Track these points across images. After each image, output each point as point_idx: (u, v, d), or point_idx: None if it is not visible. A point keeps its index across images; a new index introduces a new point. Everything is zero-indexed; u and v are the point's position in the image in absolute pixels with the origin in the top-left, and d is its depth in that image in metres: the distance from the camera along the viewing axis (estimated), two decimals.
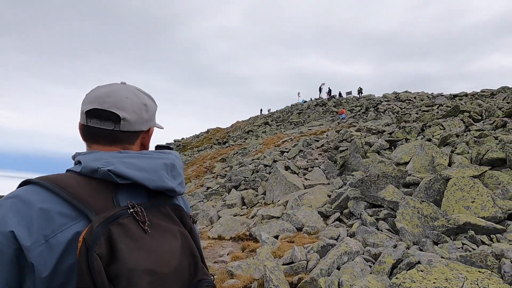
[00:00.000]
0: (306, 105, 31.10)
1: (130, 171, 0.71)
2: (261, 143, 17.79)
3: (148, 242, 0.66)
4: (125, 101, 0.79)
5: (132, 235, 0.65)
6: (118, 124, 0.78)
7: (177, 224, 0.75)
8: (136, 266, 0.62)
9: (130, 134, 0.81)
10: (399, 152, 8.14)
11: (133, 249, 0.64)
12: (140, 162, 0.74)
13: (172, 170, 0.79)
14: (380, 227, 4.66)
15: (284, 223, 5.46)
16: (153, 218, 0.70)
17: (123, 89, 0.82)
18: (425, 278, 2.59)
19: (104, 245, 0.61)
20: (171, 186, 0.76)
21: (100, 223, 0.62)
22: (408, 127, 10.20)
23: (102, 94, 0.79)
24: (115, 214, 0.65)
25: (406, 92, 26.44)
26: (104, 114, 0.77)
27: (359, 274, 3.11)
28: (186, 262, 0.73)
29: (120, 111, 0.78)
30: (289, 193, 7.70)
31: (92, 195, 0.67)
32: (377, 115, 18.32)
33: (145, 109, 0.83)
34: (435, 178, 5.37)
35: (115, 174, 0.69)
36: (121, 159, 0.73)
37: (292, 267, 3.48)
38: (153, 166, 0.75)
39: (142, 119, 0.82)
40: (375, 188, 5.89)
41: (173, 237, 0.72)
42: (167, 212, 0.75)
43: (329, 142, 12.52)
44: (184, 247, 0.73)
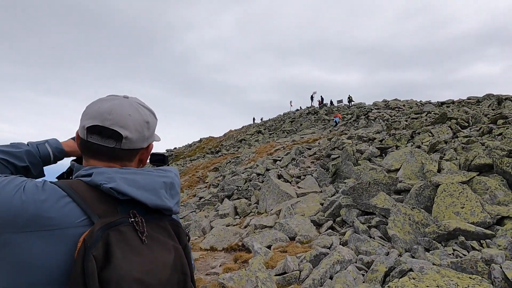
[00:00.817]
0: (298, 113, 31.39)
1: (131, 188, 0.72)
2: (253, 152, 17.78)
3: (143, 252, 0.68)
4: (128, 119, 0.78)
5: (129, 243, 0.67)
6: (119, 143, 0.77)
7: (173, 239, 0.76)
8: (127, 274, 0.63)
9: (130, 151, 0.80)
10: (389, 159, 8.23)
11: (127, 256, 0.65)
12: (141, 179, 0.75)
13: (171, 189, 0.80)
14: (372, 234, 4.66)
15: (277, 232, 5.41)
16: (151, 231, 0.72)
17: (126, 105, 0.80)
18: (417, 286, 2.58)
19: (101, 248, 0.63)
20: (169, 205, 0.77)
21: (101, 227, 0.65)
22: (398, 134, 10.36)
23: (104, 110, 0.77)
24: (116, 221, 0.68)
25: (395, 100, 26.99)
26: (105, 132, 0.76)
27: (352, 283, 3.09)
28: (176, 278, 0.72)
29: (123, 129, 0.77)
30: (282, 201, 7.67)
31: (97, 201, 0.71)
32: (368, 123, 18.60)
33: (146, 126, 0.82)
34: (425, 185, 5.43)
35: (117, 192, 0.71)
36: (123, 175, 0.74)
37: (285, 278, 3.44)
38: (153, 184, 0.76)
39: (143, 137, 0.82)
40: (366, 196, 5.92)
41: (168, 252, 0.72)
42: (165, 226, 0.76)
43: (321, 150, 12.60)
44: (176, 263, 0.73)
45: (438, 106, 19.74)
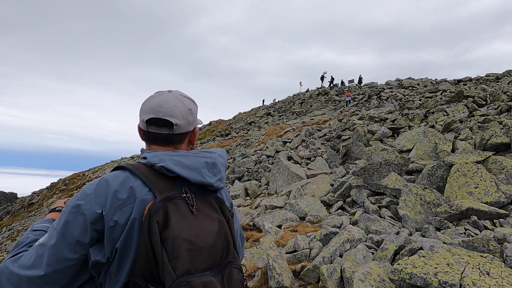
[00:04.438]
0: (308, 94, 30.85)
1: (177, 167, 0.90)
2: (263, 134, 17.77)
3: (192, 221, 0.85)
4: (175, 109, 0.98)
5: (182, 213, 0.84)
6: (171, 129, 0.97)
7: (218, 212, 0.92)
8: (179, 234, 0.81)
9: (180, 135, 1.00)
10: (402, 139, 8.09)
11: (180, 223, 0.82)
12: (186, 160, 0.93)
13: (213, 168, 0.96)
14: (382, 214, 4.67)
15: (287, 212, 5.49)
16: (199, 204, 0.89)
17: (172, 98, 1.00)
18: (427, 263, 2.61)
19: (161, 215, 0.82)
20: (210, 182, 0.93)
21: (161, 199, 0.84)
22: (411, 114, 10.11)
23: (155, 105, 0.98)
24: (172, 195, 0.86)
25: (409, 78, 26.10)
26: (160, 122, 0.97)
27: (361, 261, 3.14)
28: (220, 244, 0.87)
29: (173, 118, 0.97)
30: (292, 183, 7.72)
31: (157, 179, 0.89)
32: (380, 103, 18.16)
33: (190, 113, 1.02)
34: (438, 165, 5.34)
35: (166, 169, 0.89)
36: (172, 157, 0.92)
37: (295, 256, 3.52)
38: (196, 164, 0.93)
39: (189, 122, 1.02)
40: (377, 176, 5.88)
41: (212, 222, 0.88)
42: (211, 202, 0.93)
43: (331, 131, 12.46)
44: (220, 232, 0.88)
45: (454, 84, 19.02)
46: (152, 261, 0.80)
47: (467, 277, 2.39)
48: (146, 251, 0.80)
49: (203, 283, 0.80)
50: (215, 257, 0.85)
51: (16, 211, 27.83)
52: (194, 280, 0.79)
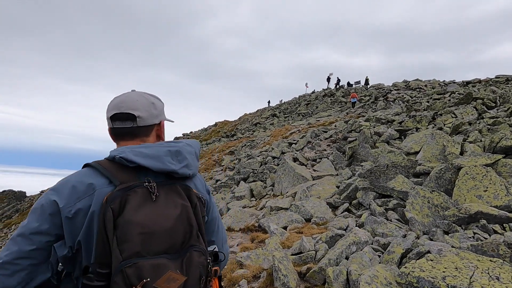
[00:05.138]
0: (314, 96, 30.75)
1: (137, 157, 0.92)
2: (269, 135, 17.76)
3: (151, 207, 0.87)
4: (137, 103, 1.02)
5: (141, 200, 0.87)
6: (135, 122, 1.01)
7: (183, 199, 0.93)
8: (132, 219, 0.83)
9: (145, 128, 1.03)
10: (409, 141, 8.01)
11: (136, 208, 0.85)
12: (147, 150, 0.95)
13: (177, 155, 0.97)
14: (389, 217, 4.63)
15: (293, 214, 5.48)
16: (163, 192, 0.91)
17: (133, 95, 1.05)
18: (435, 267, 2.57)
19: (117, 203, 0.85)
20: (173, 168, 0.94)
21: (120, 189, 0.87)
22: (418, 116, 10.00)
23: (118, 101, 1.03)
24: (133, 185, 0.89)
25: (416, 80, 25.83)
26: (123, 116, 1.01)
27: (367, 264, 3.12)
28: (182, 229, 0.88)
29: (135, 111, 1.01)
30: (297, 184, 7.70)
31: (118, 172, 0.92)
32: (387, 105, 18.00)
33: (153, 106, 1.06)
34: (446, 167, 5.27)
35: (125, 160, 0.92)
36: (133, 149, 0.94)
37: (301, 257, 3.51)
38: (158, 153, 0.95)
39: (153, 115, 1.05)
40: (384, 178, 5.83)
41: (174, 207, 0.89)
42: (177, 189, 0.94)
43: (337, 133, 12.40)
44: (183, 216, 0.89)
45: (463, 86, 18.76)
46: (107, 248, 0.82)
47: (476, 281, 2.36)
48: (102, 238, 0.83)
49: (152, 265, 0.80)
50: (174, 241, 0.86)
51: (25, 209, 28.28)
52: (142, 262, 0.80)
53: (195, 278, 0.85)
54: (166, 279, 0.80)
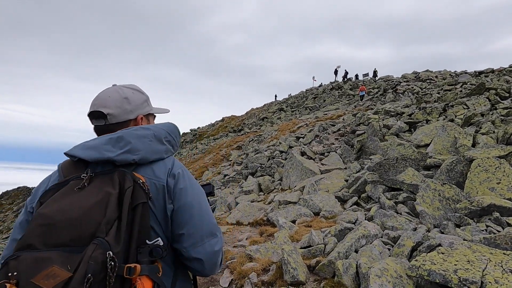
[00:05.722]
0: (321, 89, 30.45)
1: (76, 150, 0.94)
2: (276, 130, 17.72)
3: (68, 198, 0.84)
4: (108, 100, 1.01)
5: (65, 192, 0.86)
6: (106, 119, 1.01)
7: (113, 186, 0.86)
8: (40, 211, 0.83)
9: (118, 124, 1.02)
10: (419, 134, 7.88)
11: (54, 200, 0.84)
12: (90, 142, 0.95)
13: (118, 141, 0.93)
14: (399, 210, 4.59)
15: (301, 208, 5.48)
16: (97, 181, 0.88)
17: (108, 90, 1.04)
18: (446, 260, 2.55)
19: (46, 197, 0.87)
20: (108, 156, 0.91)
21: (56, 184, 0.90)
22: (429, 108, 9.81)
23: (94, 99, 1.04)
24: (70, 178, 0.90)
25: (427, 71, 25.27)
26: (95, 114, 1.01)
27: (377, 257, 3.11)
28: (94, 219, 0.80)
29: (104, 108, 1.00)
30: (305, 178, 7.69)
31: (69, 167, 0.95)
32: (396, 97, 17.70)
33: (126, 101, 1.03)
34: (458, 160, 5.18)
35: (68, 155, 0.96)
36: (82, 144, 0.96)
37: (310, 251, 3.52)
38: (97, 143, 0.93)
39: (126, 110, 1.03)
40: (393, 172, 5.77)
41: (95, 196, 0.84)
42: (112, 176, 0.88)
43: (345, 126, 12.28)
44: (99, 205, 0.82)
45: (475, 76, 18.28)
46: None
47: (489, 274, 2.32)
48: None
49: (35, 259, 0.74)
50: (79, 233, 0.78)
51: None
52: (25, 256, 0.75)
53: (79, 276, 0.73)
54: (45, 275, 0.72)
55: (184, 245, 0.95)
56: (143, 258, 0.83)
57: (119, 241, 0.80)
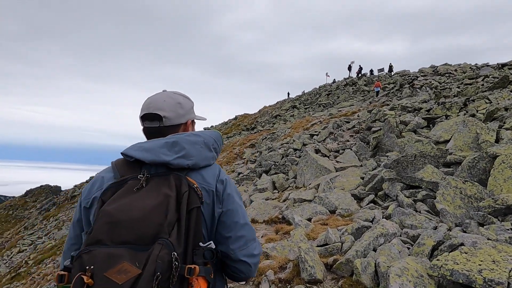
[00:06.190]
0: (335, 85, 30.01)
1: (133, 151, 0.99)
2: (289, 127, 17.63)
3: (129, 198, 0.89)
4: (163, 104, 1.07)
5: (126, 191, 0.91)
6: (161, 122, 1.06)
7: (170, 189, 0.91)
8: (105, 209, 0.87)
9: (171, 127, 1.07)
10: (438, 130, 7.64)
11: (115, 199, 0.89)
12: (146, 144, 1.00)
13: (173, 146, 0.98)
14: (418, 208, 4.48)
15: (317, 206, 5.45)
16: (154, 183, 0.93)
17: (162, 95, 1.10)
18: (470, 260, 2.47)
19: (108, 195, 0.92)
20: (165, 159, 0.96)
21: (115, 182, 0.95)
22: (448, 103, 9.49)
23: (148, 102, 1.09)
24: (128, 177, 0.95)
25: (445, 65, 24.41)
26: (151, 116, 1.06)
27: (396, 256, 3.05)
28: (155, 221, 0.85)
29: (161, 111, 1.05)
30: (320, 176, 7.63)
31: (124, 167, 0.99)
32: (413, 92, 17.22)
33: (179, 106, 1.09)
34: (480, 156, 4.99)
35: (125, 155, 1.01)
36: (137, 144, 1.01)
37: (327, 249, 3.50)
38: (153, 146, 0.98)
39: (179, 115, 1.09)
40: (412, 169, 5.63)
41: (155, 198, 0.88)
42: (168, 179, 0.94)
43: (360, 123, 12.07)
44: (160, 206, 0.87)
45: (498, 69, 17.51)
46: None
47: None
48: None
49: (107, 254, 0.79)
50: (142, 232, 0.83)
51: (61, 202, 30.24)
52: (98, 250, 0.80)
53: (148, 274, 0.77)
54: (117, 270, 0.77)
55: (231, 247, 1.01)
56: (198, 259, 0.89)
57: (180, 243, 0.86)
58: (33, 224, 26.34)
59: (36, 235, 22.10)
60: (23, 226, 27.06)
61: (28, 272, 14.23)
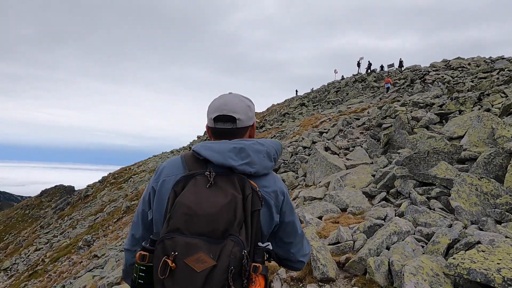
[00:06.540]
0: (343, 82, 29.67)
1: (204, 151, 1.05)
2: (298, 125, 17.54)
3: (202, 192, 0.96)
4: (237, 106, 1.12)
5: (197, 185, 0.98)
6: (235, 124, 1.11)
7: (236, 189, 0.98)
8: (182, 201, 0.95)
9: (242, 129, 1.13)
10: (451, 125, 7.47)
11: (191, 193, 0.96)
12: (216, 145, 1.05)
13: (240, 152, 1.04)
14: (432, 206, 4.39)
15: (328, 204, 5.41)
16: (220, 181, 0.99)
17: (233, 98, 1.14)
18: (487, 258, 2.41)
19: (180, 187, 0.99)
20: (232, 164, 1.01)
21: (184, 176, 1.02)
22: (461, 98, 9.25)
23: (220, 104, 1.12)
24: (196, 173, 1.02)
25: (458, 58, 23.81)
26: (225, 118, 1.10)
27: (410, 254, 3.00)
28: (225, 217, 0.92)
29: (236, 113, 1.10)
30: (330, 174, 7.56)
31: (193, 162, 1.07)
32: (424, 87, 16.87)
33: (249, 109, 1.16)
34: (496, 152, 4.85)
35: (196, 153, 1.07)
36: (206, 144, 1.06)
37: (339, 247, 3.47)
38: (222, 149, 1.04)
39: (249, 117, 1.15)
40: (424, 166, 5.52)
41: (224, 196, 0.95)
42: (233, 180, 1.00)
43: (370, 119, 11.90)
44: (230, 205, 0.94)
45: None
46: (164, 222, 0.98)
47: None
48: (165, 214, 0.99)
49: (186, 243, 0.88)
50: (215, 227, 0.90)
51: (74, 202, 30.96)
52: (179, 238, 0.89)
53: (223, 267, 0.86)
54: (196, 259, 0.86)
55: (292, 251, 1.16)
56: (258, 258, 0.97)
57: (248, 242, 0.94)
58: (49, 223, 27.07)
59: (51, 233, 22.71)
60: (39, 225, 27.84)
61: (45, 270, 14.64)
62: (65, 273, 12.21)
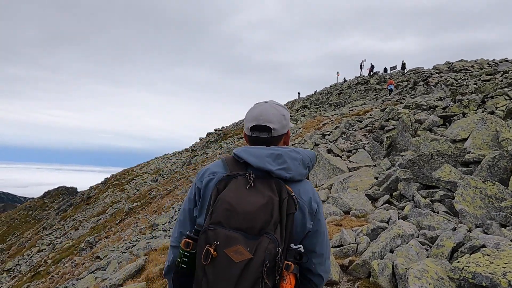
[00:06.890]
0: (346, 84, 29.64)
1: (244, 154, 1.13)
2: (300, 127, 17.53)
3: (243, 192, 1.04)
4: (272, 116, 1.18)
5: (237, 185, 1.06)
6: (270, 133, 1.17)
7: (273, 192, 1.05)
8: (223, 197, 1.03)
9: (277, 137, 1.20)
10: (455, 128, 7.43)
11: (232, 191, 1.04)
12: (254, 151, 1.13)
13: (277, 158, 1.11)
14: (436, 209, 4.36)
15: (330, 206, 5.39)
16: (259, 183, 1.07)
17: (269, 107, 1.20)
18: (493, 262, 2.39)
19: (222, 185, 1.08)
20: (269, 168, 1.09)
21: (226, 175, 1.11)
22: (465, 100, 9.21)
23: (257, 114, 1.20)
24: (237, 174, 1.10)
25: (461, 61, 23.72)
26: (261, 128, 1.17)
27: (414, 258, 2.98)
28: (262, 216, 0.99)
29: (271, 123, 1.17)
30: (333, 176, 7.54)
31: (234, 165, 1.15)
32: (427, 90, 16.82)
33: (283, 118, 1.21)
34: (501, 155, 4.82)
35: (237, 156, 1.16)
36: (246, 149, 1.15)
37: (342, 250, 3.45)
38: (261, 154, 1.12)
39: (283, 126, 1.21)
40: (428, 168, 5.49)
41: (262, 197, 1.02)
42: (270, 183, 1.07)
43: (373, 122, 11.87)
44: (267, 206, 1.01)
45: None
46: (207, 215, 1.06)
47: None
48: (208, 208, 1.07)
49: (227, 235, 0.96)
50: (252, 224, 0.98)
51: (77, 203, 31.07)
52: (220, 230, 0.98)
53: (259, 260, 0.93)
54: (234, 250, 0.94)
55: (314, 261, 1.17)
56: (290, 258, 1.04)
57: (283, 241, 1.01)
58: (51, 224, 27.18)
59: (54, 235, 22.78)
60: (42, 226, 27.95)
61: (47, 271, 14.68)
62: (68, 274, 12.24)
